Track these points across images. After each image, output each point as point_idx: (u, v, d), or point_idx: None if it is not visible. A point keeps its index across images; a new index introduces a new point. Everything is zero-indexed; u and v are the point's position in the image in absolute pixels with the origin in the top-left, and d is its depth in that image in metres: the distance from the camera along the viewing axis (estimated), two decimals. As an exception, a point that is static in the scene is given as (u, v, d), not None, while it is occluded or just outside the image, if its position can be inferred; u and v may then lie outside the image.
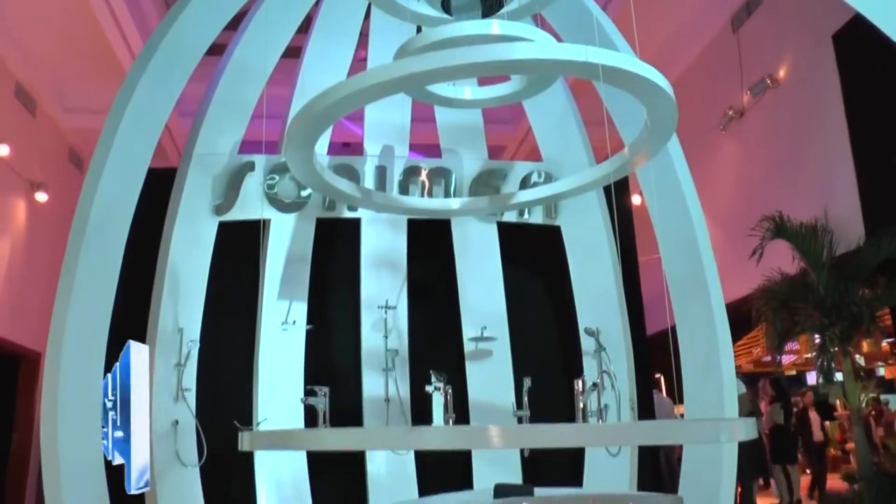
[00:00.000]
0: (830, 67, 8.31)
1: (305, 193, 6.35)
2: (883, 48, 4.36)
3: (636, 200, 7.75)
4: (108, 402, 3.31)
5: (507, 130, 12.38)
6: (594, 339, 6.06)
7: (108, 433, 3.30)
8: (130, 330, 5.51)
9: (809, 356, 10.21)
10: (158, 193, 5.85)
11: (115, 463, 3.31)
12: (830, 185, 8.35)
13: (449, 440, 3.59)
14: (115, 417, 3.32)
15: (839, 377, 7.81)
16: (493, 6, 4.22)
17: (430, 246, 6.67)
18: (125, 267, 5.01)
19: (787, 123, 9.29)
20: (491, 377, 6.37)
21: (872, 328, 7.65)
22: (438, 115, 6.83)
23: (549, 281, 6.89)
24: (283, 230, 6.33)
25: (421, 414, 5.65)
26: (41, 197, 10.30)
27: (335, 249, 6.59)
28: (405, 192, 6.54)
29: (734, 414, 5.35)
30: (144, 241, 5.61)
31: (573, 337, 6.48)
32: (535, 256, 6.89)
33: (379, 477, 6.13)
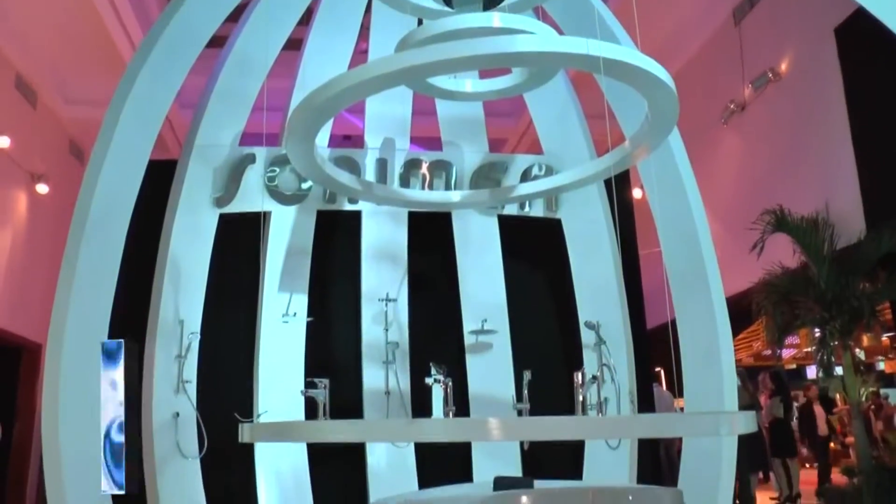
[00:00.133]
0: (832, 61, 8.29)
1: (306, 186, 6.34)
2: (885, 42, 4.36)
3: (637, 194, 7.75)
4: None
5: (508, 123, 12.36)
6: (594, 332, 6.08)
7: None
8: (131, 322, 5.60)
9: (809, 350, 10.23)
10: (159, 185, 5.86)
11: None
12: (832, 178, 8.35)
13: (449, 432, 3.60)
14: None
15: (839, 371, 7.82)
16: (494, -1, 4.20)
17: (430, 239, 6.66)
18: (126, 259, 5.02)
19: (788, 117, 9.27)
20: (491, 370, 6.38)
21: (873, 322, 7.66)
22: (439, 107, 6.83)
23: (549, 274, 6.88)
24: (283, 222, 6.33)
25: (421, 407, 5.66)
26: (42, 188, 10.31)
27: (336, 242, 6.59)
28: (406, 184, 6.54)
29: (734, 407, 5.36)
30: (145, 232, 5.62)
31: (573, 330, 6.49)
32: (535, 249, 6.89)
33: (379, 469, 6.15)
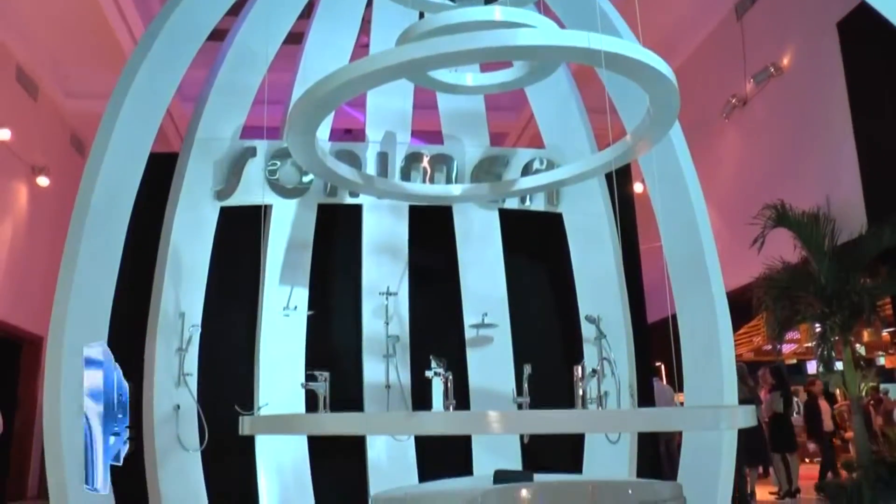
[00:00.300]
0: (834, 56, 8.28)
1: (307, 179, 6.34)
2: (887, 37, 4.35)
3: (638, 188, 7.74)
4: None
5: (509, 117, 12.35)
6: (595, 326, 6.08)
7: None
8: (132, 314, 5.61)
9: (810, 345, 10.22)
10: (160, 178, 5.85)
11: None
12: (833, 173, 8.35)
13: (449, 426, 3.61)
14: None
15: (839, 366, 7.83)
16: (495, -8, 4.20)
17: (431, 232, 6.66)
18: (126, 251, 5.02)
19: (790, 112, 9.26)
20: (491, 363, 6.38)
21: (873, 317, 7.67)
22: (440, 101, 6.82)
23: (550, 268, 6.88)
24: (284, 216, 6.33)
25: (421, 400, 5.66)
26: (42, 181, 10.32)
27: (337, 235, 6.59)
28: (407, 178, 6.54)
29: (734, 402, 5.36)
30: (146, 225, 5.62)
31: (574, 324, 6.49)
32: (536, 243, 6.88)
33: (379, 463, 6.16)
